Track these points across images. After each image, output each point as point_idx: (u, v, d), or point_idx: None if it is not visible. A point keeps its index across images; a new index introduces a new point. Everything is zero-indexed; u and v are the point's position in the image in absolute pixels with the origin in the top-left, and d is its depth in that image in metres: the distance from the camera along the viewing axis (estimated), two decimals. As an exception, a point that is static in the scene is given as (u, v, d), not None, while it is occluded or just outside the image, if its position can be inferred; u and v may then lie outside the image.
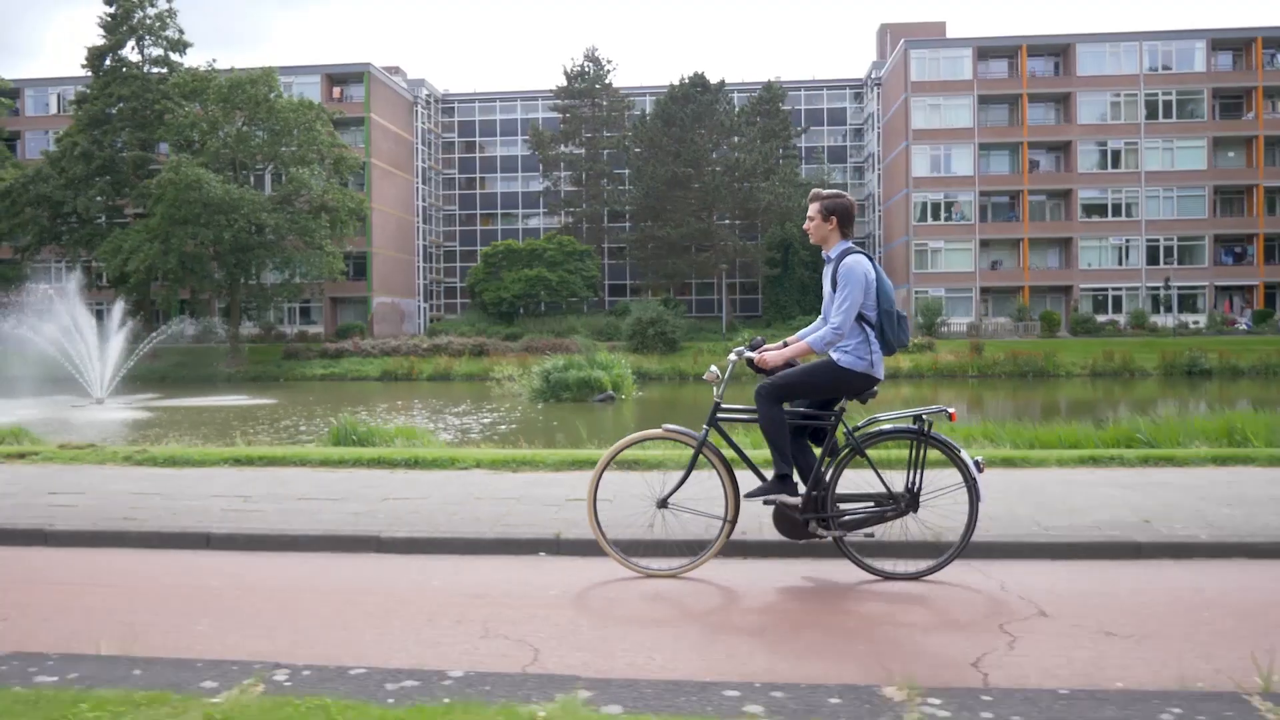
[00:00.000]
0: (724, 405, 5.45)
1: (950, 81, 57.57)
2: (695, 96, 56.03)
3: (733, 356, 5.42)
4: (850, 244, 5.25)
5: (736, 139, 56.09)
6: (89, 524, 6.47)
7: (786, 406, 5.28)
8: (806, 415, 5.31)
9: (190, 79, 52.01)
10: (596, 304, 62.84)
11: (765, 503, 5.28)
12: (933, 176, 57.55)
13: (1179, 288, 54.57)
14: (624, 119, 64.69)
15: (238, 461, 8.77)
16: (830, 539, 5.27)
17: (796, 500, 5.17)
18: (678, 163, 55.17)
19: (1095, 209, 56.23)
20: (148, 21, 53.15)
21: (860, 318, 5.08)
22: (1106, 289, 55.68)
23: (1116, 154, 55.88)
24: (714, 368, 5.44)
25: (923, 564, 5.29)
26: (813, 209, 5.26)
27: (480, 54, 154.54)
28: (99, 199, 51.17)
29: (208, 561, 5.90)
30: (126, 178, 51.65)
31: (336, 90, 61.79)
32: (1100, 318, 53.94)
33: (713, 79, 58.07)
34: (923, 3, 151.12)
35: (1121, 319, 54.06)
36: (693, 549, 5.48)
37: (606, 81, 64.68)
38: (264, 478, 8.11)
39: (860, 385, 5.19)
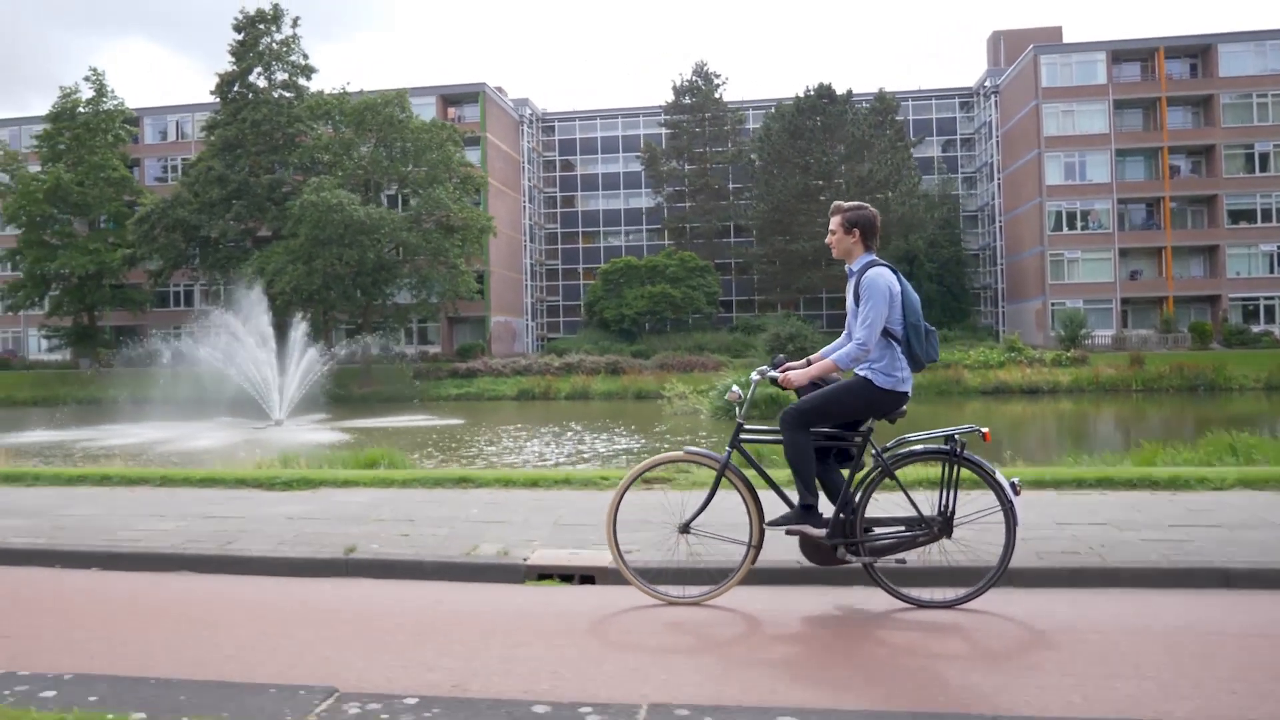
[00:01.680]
0: (747, 426, 5.30)
1: (1083, 86, 56.03)
2: (823, 108, 54.92)
3: (755, 376, 5.26)
4: (874, 256, 5.12)
5: (866, 151, 54.73)
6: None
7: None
8: (831, 435, 5.13)
9: (322, 102, 51.83)
10: (713, 320, 61.56)
11: (788, 533, 5.08)
12: (1067, 185, 55.94)
13: (1342, 296, 52.40)
14: (736, 134, 63.75)
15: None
16: (859, 565, 5.10)
17: (821, 532, 5.00)
18: (807, 175, 54.01)
19: (1243, 215, 54.21)
20: (274, 48, 53.03)
21: (886, 332, 4.95)
22: (1258, 298, 53.56)
23: (1265, 157, 53.88)
24: (735, 388, 5.34)
25: (957, 591, 5.10)
26: (834, 222, 5.16)
27: (561, 72, 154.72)
28: (234, 223, 50.80)
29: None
30: (260, 201, 51.26)
31: (451, 111, 61.40)
32: (1254, 328, 51.88)
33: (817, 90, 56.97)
34: (1015, 10, 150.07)
35: (1277, 329, 51.95)
36: (716, 575, 5.36)
37: (716, 96, 63.78)
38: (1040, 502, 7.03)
39: (890, 404, 5.02)
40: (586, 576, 5.95)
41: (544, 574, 5.99)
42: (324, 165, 52.25)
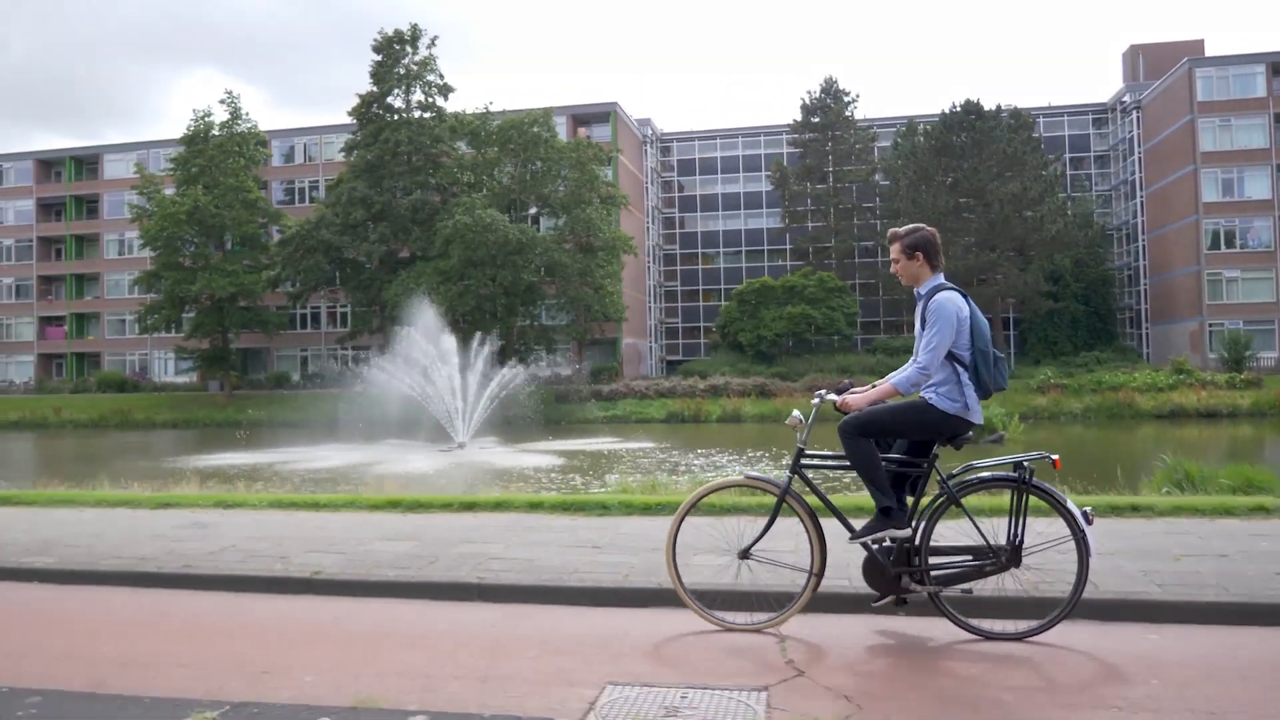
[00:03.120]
0: (808, 451, 5.28)
1: (1241, 100, 53.91)
2: (970, 124, 53.37)
3: (816, 400, 5.24)
4: (942, 279, 5.03)
5: (1017, 168, 52.92)
6: None
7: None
8: (898, 462, 5.05)
9: (463, 121, 51.48)
10: (847, 342, 59.94)
11: (873, 541, 4.96)
12: (1224, 201, 53.78)
13: None
14: (867, 152, 62.37)
15: None
16: (924, 595, 4.98)
17: (905, 532, 4.90)
18: (955, 193, 52.42)
19: None
20: (412, 68, 52.80)
21: (953, 357, 4.87)
22: None
23: None
24: (796, 412, 5.24)
25: (1027, 623, 4.94)
26: (894, 250, 5.07)
27: (665, 93, 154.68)
28: (378, 244, 50.26)
29: None
30: (404, 222, 50.85)
31: (581, 130, 60.81)
32: None
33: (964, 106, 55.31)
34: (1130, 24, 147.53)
35: None
36: (777, 602, 5.29)
37: (847, 115, 62.51)
38: None
39: (952, 428, 4.90)
40: None
41: None
42: (463, 186, 51.80)
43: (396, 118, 52.61)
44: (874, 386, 5.12)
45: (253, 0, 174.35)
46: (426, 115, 52.79)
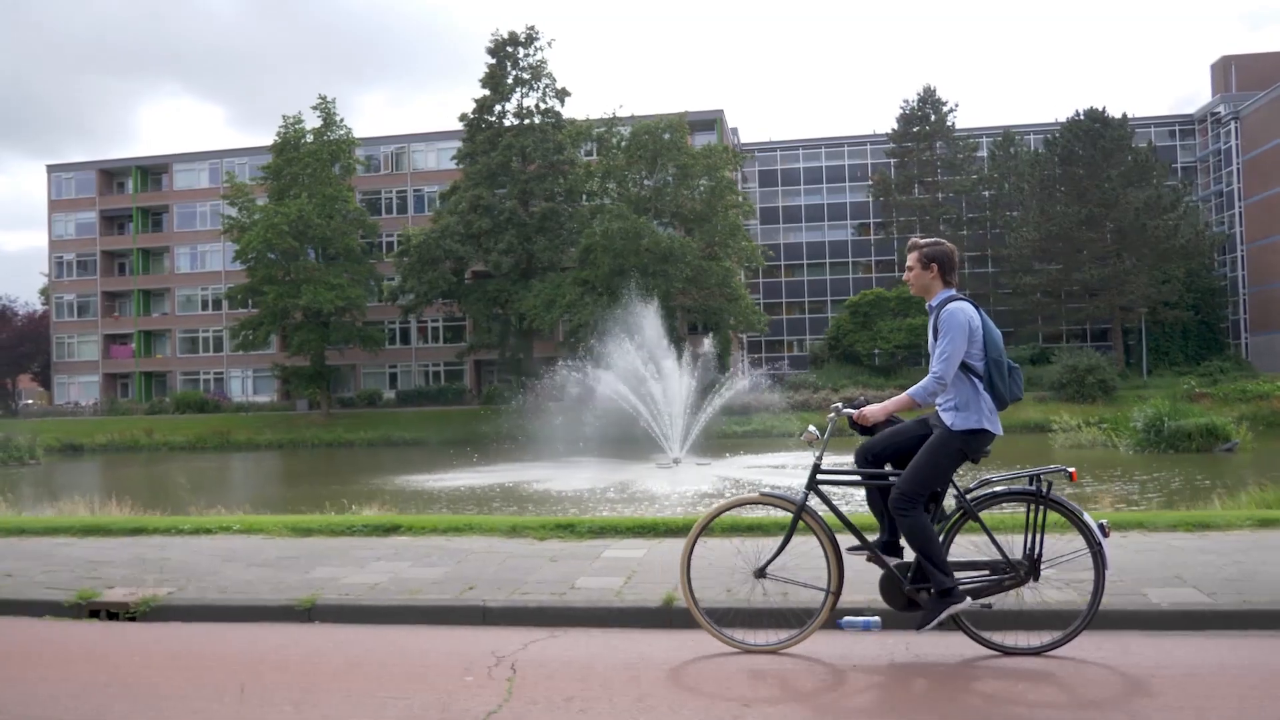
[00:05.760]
0: (824, 467, 5.18)
1: (1358, 110, 54.23)
2: (1097, 132, 52.97)
3: (832, 414, 5.15)
4: (953, 292, 5.01)
5: (1146, 176, 52.62)
6: None
7: (888, 467, 5.03)
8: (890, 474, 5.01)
9: (582, 128, 50.21)
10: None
11: (937, 626, 4.80)
12: (1341, 210, 53.98)
13: None
14: (970, 162, 61.91)
15: None
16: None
17: (965, 604, 4.77)
18: (1083, 203, 51.94)
19: None
20: (524, 76, 51.44)
21: (968, 369, 4.81)
22: None
23: None
24: (812, 427, 5.22)
25: (1046, 637, 4.92)
26: (911, 259, 5.06)
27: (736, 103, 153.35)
28: (505, 255, 48.55)
29: None
30: (529, 231, 49.29)
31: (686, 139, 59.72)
32: None
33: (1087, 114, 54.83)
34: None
35: None
36: (794, 621, 5.23)
37: (948, 124, 62.07)
38: None
39: (977, 445, 4.85)
40: None
41: None
42: (580, 194, 50.45)
43: (510, 123, 51.16)
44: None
45: (218, 17, 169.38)
46: (545, 120, 51.35)
